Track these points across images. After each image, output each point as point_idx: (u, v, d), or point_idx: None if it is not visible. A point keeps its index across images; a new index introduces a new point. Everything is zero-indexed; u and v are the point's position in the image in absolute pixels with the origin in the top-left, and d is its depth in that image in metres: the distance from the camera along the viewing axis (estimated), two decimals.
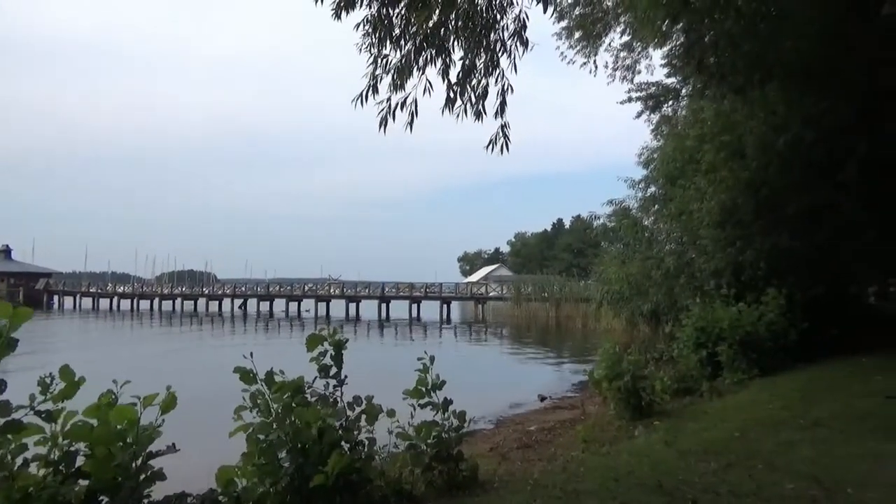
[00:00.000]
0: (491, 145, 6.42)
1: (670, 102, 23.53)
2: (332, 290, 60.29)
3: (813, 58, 10.51)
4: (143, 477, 3.43)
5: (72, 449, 3.43)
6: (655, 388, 9.07)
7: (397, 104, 6.17)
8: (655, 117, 23.80)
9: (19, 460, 3.27)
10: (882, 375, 8.42)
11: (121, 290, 71.91)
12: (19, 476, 3.16)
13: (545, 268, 73.75)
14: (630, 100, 23.17)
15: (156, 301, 66.36)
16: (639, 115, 23.68)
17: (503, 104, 6.42)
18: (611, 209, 21.86)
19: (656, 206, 19.81)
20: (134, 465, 3.40)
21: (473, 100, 6.45)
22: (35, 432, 3.33)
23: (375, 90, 6.19)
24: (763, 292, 11.43)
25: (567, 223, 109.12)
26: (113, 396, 3.57)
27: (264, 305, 61.55)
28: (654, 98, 23.40)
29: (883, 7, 6.75)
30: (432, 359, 5.42)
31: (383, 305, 54.87)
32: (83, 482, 3.36)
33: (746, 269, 12.21)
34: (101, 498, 3.35)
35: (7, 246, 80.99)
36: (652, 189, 21.05)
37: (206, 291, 68.76)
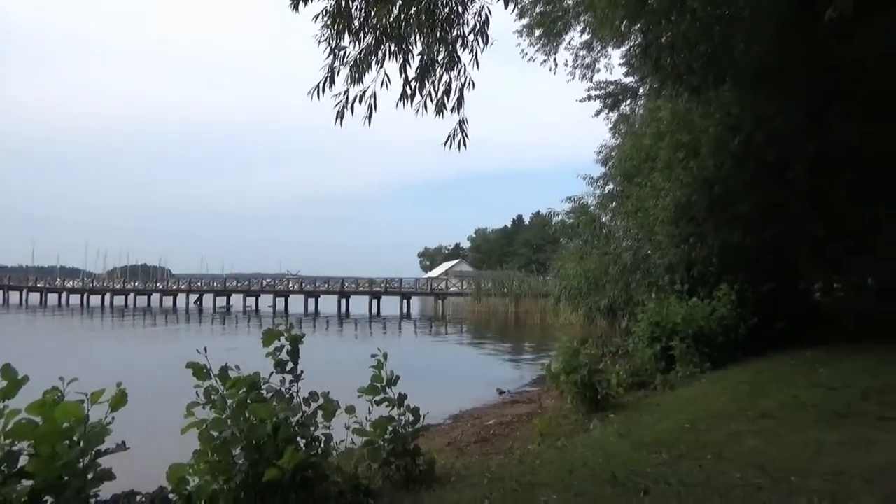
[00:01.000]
0: (449, 141, 6.41)
1: (628, 101, 23.93)
2: (290, 286, 59.66)
3: (765, 60, 10.81)
4: (90, 476, 3.33)
5: (14, 448, 3.32)
6: (611, 381, 9.21)
7: (355, 97, 6.12)
8: (614, 116, 24.18)
9: None
10: (825, 368, 8.73)
11: (70, 284, 69.76)
12: None
13: (505, 263, 74.41)
14: (589, 98, 23.46)
15: (107, 296, 64.50)
16: (597, 113, 24.00)
17: (461, 99, 6.41)
18: (570, 206, 22.17)
19: (614, 203, 20.16)
20: (81, 463, 3.30)
21: (433, 95, 6.43)
22: None
23: (332, 82, 6.12)
24: (715, 288, 11.74)
25: (527, 219, 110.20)
26: (59, 394, 3.46)
27: (221, 301, 60.42)
28: (612, 97, 23.76)
29: (827, 11, 6.97)
30: (386, 355, 5.40)
31: (343, 301, 54.56)
32: (27, 482, 3.25)
33: (699, 264, 12.51)
34: (45, 498, 3.25)
35: None
36: (610, 186, 21.43)
37: (161, 287, 67.29)
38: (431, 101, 6.40)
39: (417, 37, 6.35)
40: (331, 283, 58.96)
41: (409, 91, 6.38)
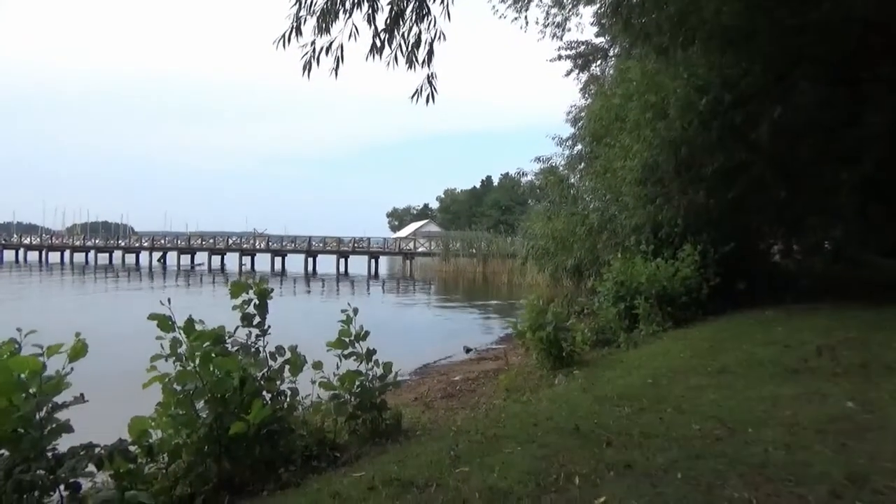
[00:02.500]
0: (416, 96, 6.30)
1: (598, 62, 23.90)
2: (257, 244, 58.92)
3: (733, 22, 10.81)
4: (47, 429, 3.26)
5: None
6: (576, 339, 9.36)
7: (322, 48, 5.93)
8: (584, 76, 24.16)
9: None
10: (782, 327, 8.99)
11: (28, 241, 67.81)
12: None
13: (473, 224, 74.35)
14: (560, 58, 23.36)
15: (66, 253, 62.94)
16: (568, 73, 23.97)
17: (430, 53, 6.27)
18: (538, 167, 22.16)
19: (582, 164, 20.25)
20: (38, 416, 3.23)
21: (403, 48, 6.27)
22: None
23: (299, 32, 5.92)
24: (679, 248, 11.92)
25: (496, 180, 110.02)
26: (16, 345, 3.36)
27: (185, 259, 59.45)
28: (583, 57, 23.68)
29: None
30: (356, 310, 5.38)
31: (310, 260, 54.18)
32: None
33: (664, 225, 12.66)
34: (0, 451, 3.18)
35: None
36: (579, 147, 21.48)
37: (123, 244, 65.80)
38: (402, 54, 6.24)
39: None
40: (298, 241, 58.37)
41: (378, 43, 6.21)
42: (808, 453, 3.90)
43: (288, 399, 4.72)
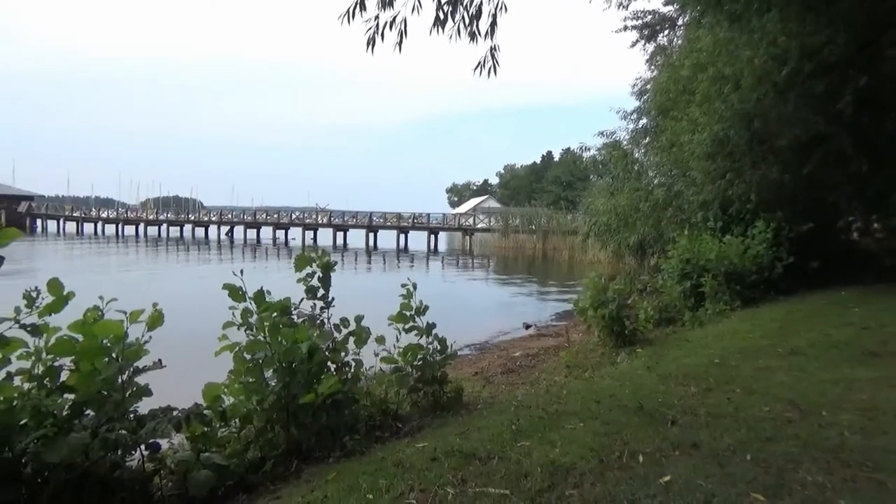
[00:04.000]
0: (479, 68, 6.26)
1: (666, 32, 23.05)
2: (319, 219, 60.07)
3: None
4: (129, 392, 3.43)
5: (56, 364, 3.42)
6: (639, 317, 9.23)
7: (386, 23, 5.94)
8: (650, 47, 23.37)
9: (2, 374, 3.25)
10: (859, 308, 8.57)
11: (105, 215, 71.17)
12: (3, 388, 3.15)
13: (534, 200, 73.74)
14: (625, 28, 22.66)
15: (141, 226, 65.84)
16: (633, 44, 23.22)
17: (494, 25, 6.20)
18: (601, 141, 21.68)
19: (647, 138, 19.70)
20: (119, 379, 3.40)
21: (466, 20, 6.21)
22: (18, 346, 3.29)
23: (363, 6, 5.92)
24: (750, 225, 11.50)
25: (557, 155, 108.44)
26: (99, 312, 3.53)
27: (251, 233, 61.25)
28: (649, 27, 22.87)
29: None
30: (415, 285, 5.42)
31: (370, 235, 54.91)
32: (68, 396, 3.36)
33: (735, 201, 12.21)
34: (86, 412, 3.36)
35: None
36: (644, 121, 20.90)
37: (193, 218, 68.25)
38: (464, 26, 6.19)
39: None
40: (359, 217, 59.23)
41: (441, 16, 6.16)
42: (887, 438, 3.73)
43: (352, 370, 4.83)
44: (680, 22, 21.26)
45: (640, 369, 6.32)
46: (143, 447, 3.38)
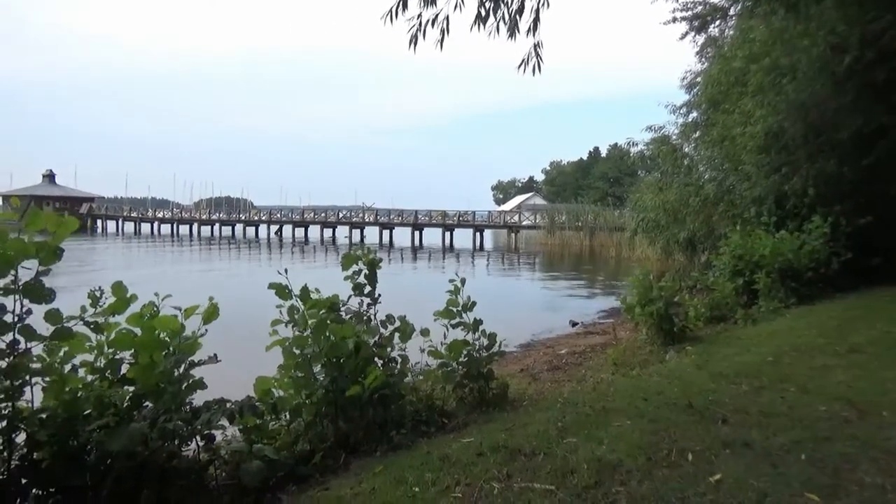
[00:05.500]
0: (523, 65, 6.20)
1: (717, 22, 22.43)
2: (366, 218, 60.74)
3: None
4: (185, 385, 3.55)
5: (117, 357, 3.56)
6: (689, 314, 9.05)
7: (428, 20, 5.95)
8: (701, 39, 22.76)
9: (68, 366, 3.40)
10: None
11: (161, 215, 73.57)
12: (68, 379, 3.30)
13: (580, 197, 72.88)
14: (674, 20, 22.12)
15: (195, 226, 67.86)
16: (683, 36, 22.64)
17: (536, 21, 6.14)
18: (649, 136, 21.29)
19: (697, 132, 19.26)
20: (176, 372, 3.52)
21: (507, 17, 6.18)
22: (82, 342, 3.44)
23: (405, 5, 5.95)
24: (806, 220, 11.14)
25: (603, 151, 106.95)
26: (155, 307, 3.67)
27: (299, 232, 62.39)
28: (699, 18, 22.29)
29: None
30: (463, 280, 5.44)
31: (416, 233, 55.21)
32: (128, 388, 3.49)
33: (791, 196, 11.84)
34: (145, 403, 3.50)
35: (51, 171, 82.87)
36: (694, 114, 20.44)
37: (243, 217, 69.95)
38: (505, 23, 6.15)
39: None
40: (404, 215, 59.63)
41: (482, 13, 6.14)
42: None
43: (399, 366, 4.88)
44: (732, 12, 20.67)
45: (690, 367, 6.20)
46: (198, 438, 3.49)
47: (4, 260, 3.00)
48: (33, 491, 3.16)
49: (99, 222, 74.49)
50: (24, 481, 3.11)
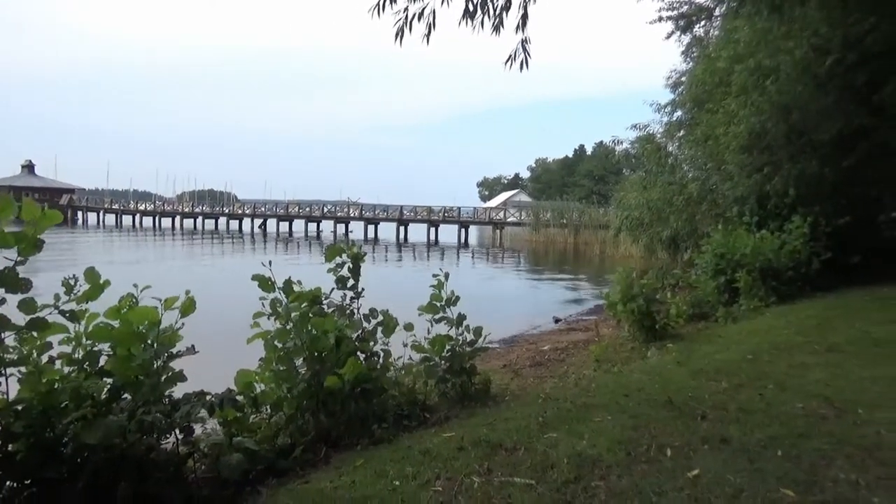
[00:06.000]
0: (510, 61, 6.20)
1: (702, 22, 22.58)
2: (351, 212, 60.53)
3: None
4: (164, 377, 3.51)
5: (94, 349, 3.51)
6: (670, 312, 9.13)
7: (414, 14, 5.93)
8: (686, 38, 22.90)
9: (44, 357, 3.36)
10: None
11: (143, 207, 72.74)
12: (45, 371, 3.25)
13: (565, 194, 73.27)
14: (660, 20, 22.23)
15: (177, 219, 67.14)
16: (668, 36, 22.76)
17: (525, 17, 6.13)
18: (635, 135, 21.37)
19: (682, 132, 19.36)
20: (155, 364, 3.48)
21: (492, 12, 6.17)
22: (59, 331, 3.39)
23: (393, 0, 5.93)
24: (787, 220, 11.26)
25: (589, 149, 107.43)
26: (133, 299, 3.62)
27: (284, 226, 62.05)
28: (685, 18, 22.42)
29: None
30: (447, 275, 5.43)
31: (401, 228, 55.16)
32: (106, 380, 3.45)
33: (773, 196, 11.96)
34: (123, 395, 3.46)
35: (30, 161, 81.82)
36: (678, 113, 20.54)
37: (227, 211, 69.39)
38: (489, 18, 6.15)
39: None
40: (390, 210, 59.54)
41: (470, 8, 6.14)
42: None
43: (381, 360, 4.87)
44: (717, 12, 20.82)
45: (671, 364, 6.26)
46: (177, 430, 3.46)
47: None
48: (7, 483, 3.12)
49: (80, 214, 73.49)
50: None
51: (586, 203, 54.52)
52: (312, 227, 60.46)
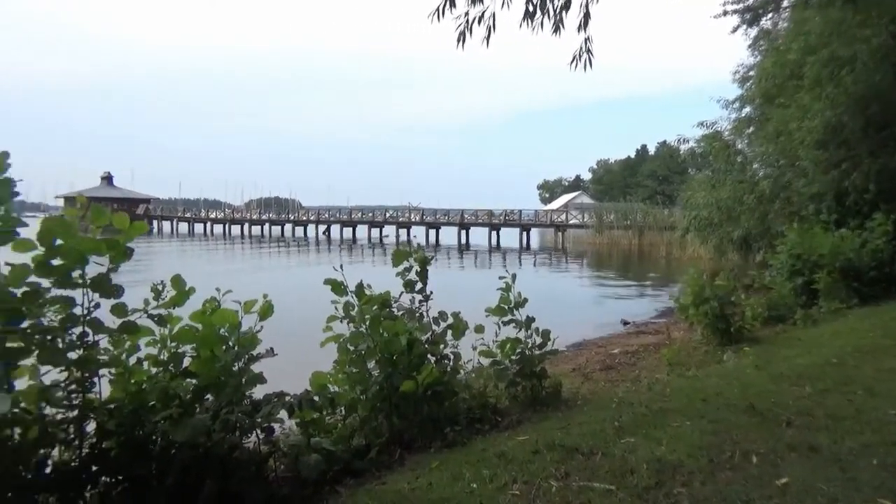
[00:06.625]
0: (574, 62, 6.14)
1: (770, 14, 21.74)
2: (412, 217, 61.08)
3: None
4: (245, 378, 3.62)
5: (179, 351, 3.65)
6: (745, 314, 8.82)
7: (475, 18, 5.93)
8: (753, 32, 22.08)
9: (133, 359, 3.51)
10: None
11: (213, 215, 75.49)
12: (134, 372, 3.41)
13: (628, 195, 71.86)
14: (725, 14, 21.54)
15: (245, 226, 69.40)
16: (734, 29, 21.98)
17: (587, 16, 6.06)
18: (701, 132, 20.78)
19: (751, 128, 18.73)
20: (236, 366, 3.59)
21: (552, 12, 6.11)
22: (147, 334, 3.54)
23: (453, 4, 5.95)
24: (868, 217, 10.73)
25: (652, 149, 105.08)
26: (216, 303, 3.75)
27: (347, 231, 63.18)
28: (752, 10, 21.63)
29: None
30: (514, 277, 5.41)
31: (463, 232, 55.25)
32: (191, 380, 3.58)
33: (852, 192, 11.41)
34: (206, 396, 3.58)
35: (109, 173, 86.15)
36: (747, 109, 19.86)
37: (292, 217, 71.22)
38: (549, 19, 6.09)
39: None
40: (451, 214, 59.76)
41: (530, 9, 6.10)
42: None
43: (451, 363, 4.88)
44: (785, 3, 20.04)
45: (749, 368, 6.04)
46: (258, 430, 3.56)
47: (76, 255, 3.11)
48: (102, 478, 3.27)
49: (154, 222, 76.81)
50: (94, 468, 3.22)
51: (650, 204, 53.34)
52: (375, 232, 61.31)
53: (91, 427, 3.28)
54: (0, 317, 2.83)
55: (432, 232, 57.23)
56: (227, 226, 70.35)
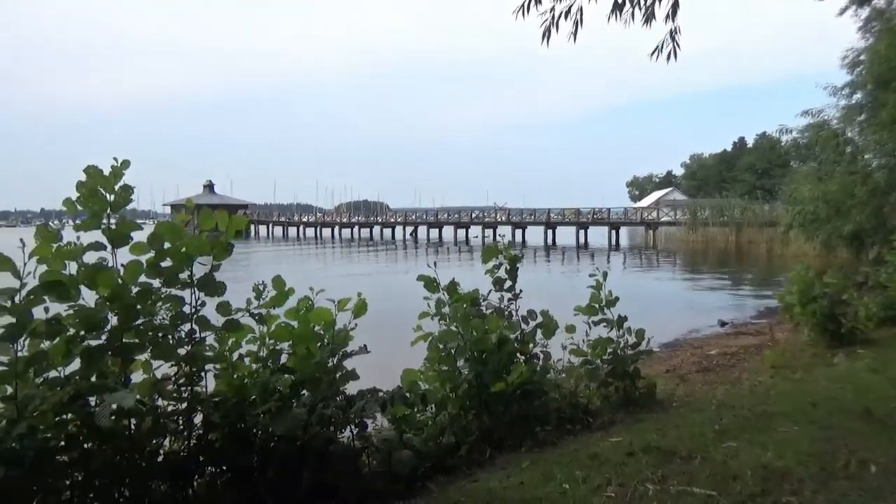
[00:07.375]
0: (657, 52, 5.90)
1: None
2: (498, 217, 60.96)
3: None
4: (339, 374, 3.71)
5: (277, 348, 3.79)
6: (858, 314, 8.23)
7: (561, 13, 5.82)
8: (864, 12, 20.57)
9: (235, 355, 3.68)
10: None
11: (305, 219, 78.31)
12: (237, 367, 3.57)
13: (724, 191, 68.61)
14: None
15: (336, 229, 71.59)
16: (842, 11, 20.54)
17: (676, 5, 5.81)
18: (805, 122, 19.58)
19: (863, 115, 17.47)
20: (331, 362, 3.69)
21: (643, 2, 5.90)
22: (248, 332, 3.70)
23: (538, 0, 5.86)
24: None
25: (750, 141, 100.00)
26: (310, 301, 3.87)
27: (433, 232, 63.84)
28: None
29: None
30: (605, 274, 5.27)
31: (549, 231, 54.61)
32: (288, 376, 3.71)
33: None
34: (303, 391, 3.70)
35: (210, 181, 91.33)
36: (857, 95, 18.54)
37: (380, 220, 72.84)
38: (640, 9, 5.88)
39: None
40: (537, 214, 59.18)
41: (619, 1, 5.92)
42: None
43: (541, 362, 4.82)
44: None
45: (863, 371, 5.63)
46: (352, 425, 3.64)
47: (184, 256, 3.29)
48: (209, 468, 3.44)
49: (252, 227, 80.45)
50: (201, 458, 3.39)
51: (749, 199, 50.83)
52: (461, 232, 61.63)
53: (198, 419, 3.47)
54: (119, 313, 3.01)
55: (518, 232, 56.88)
56: (318, 229, 72.76)
